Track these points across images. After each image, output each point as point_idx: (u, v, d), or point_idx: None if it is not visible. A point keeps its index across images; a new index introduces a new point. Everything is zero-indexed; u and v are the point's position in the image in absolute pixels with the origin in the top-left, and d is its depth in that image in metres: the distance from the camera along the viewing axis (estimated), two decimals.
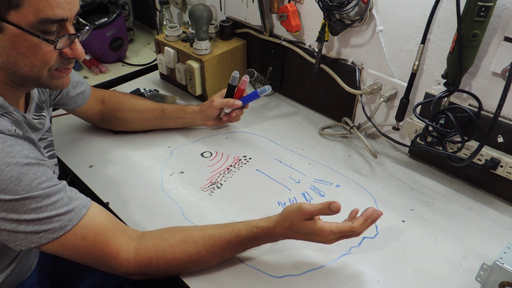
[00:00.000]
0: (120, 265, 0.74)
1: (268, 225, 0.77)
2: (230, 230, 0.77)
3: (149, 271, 0.76)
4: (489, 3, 0.77)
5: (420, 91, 1.02)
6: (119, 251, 0.74)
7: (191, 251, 0.76)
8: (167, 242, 0.76)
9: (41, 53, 0.66)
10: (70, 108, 1.04)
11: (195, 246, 0.76)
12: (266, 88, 1.07)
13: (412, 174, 1.07)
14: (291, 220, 0.75)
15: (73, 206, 0.71)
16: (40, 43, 0.65)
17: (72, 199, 0.71)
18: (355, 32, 1.08)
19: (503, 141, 0.91)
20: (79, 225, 0.70)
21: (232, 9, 1.37)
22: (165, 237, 0.77)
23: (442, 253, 0.86)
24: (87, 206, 0.73)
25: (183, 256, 0.75)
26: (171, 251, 0.75)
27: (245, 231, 0.77)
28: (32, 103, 0.81)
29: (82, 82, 1.03)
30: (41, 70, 0.68)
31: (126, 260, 0.74)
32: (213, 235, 0.77)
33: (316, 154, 1.13)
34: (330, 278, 0.80)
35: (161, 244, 0.76)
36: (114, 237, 0.74)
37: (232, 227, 0.78)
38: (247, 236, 0.76)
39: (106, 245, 0.73)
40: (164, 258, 0.75)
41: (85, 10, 1.47)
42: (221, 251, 0.77)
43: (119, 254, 0.74)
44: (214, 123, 1.17)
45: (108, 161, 1.08)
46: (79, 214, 0.71)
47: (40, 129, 0.82)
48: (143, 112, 1.14)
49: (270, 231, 0.77)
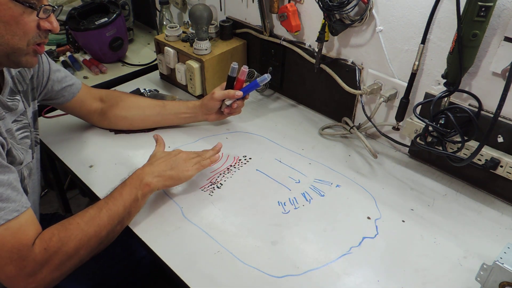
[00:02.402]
0: (29, 255, 0.72)
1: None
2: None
3: (57, 260, 0.74)
4: (489, 3, 0.77)
5: (420, 91, 1.02)
6: (34, 241, 0.73)
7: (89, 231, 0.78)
8: (67, 227, 0.77)
9: (23, 22, 0.71)
10: (60, 103, 1.04)
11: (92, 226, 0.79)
12: (266, 77, 1.07)
13: (412, 174, 1.07)
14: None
15: (7, 205, 0.70)
16: (22, 13, 0.71)
17: (9, 199, 0.71)
18: (355, 32, 1.08)
19: (503, 141, 0.91)
20: (4, 225, 0.69)
21: (232, 9, 1.37)
22: (64, 225, 0.78)
23: (442, 253, 0.86)
24: (20, 211, 0.72)
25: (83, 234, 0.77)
26: (74, 233, 0.76)
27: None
28: (6, 87, 0.83)
29: (70, 77, 1.04)
30: (21, 40, 0.73)
31: (33, 249, 0.72)
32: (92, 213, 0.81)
33: (316, 154, 1.13)
34: (330, 278, 0.80)
35: (62, 229, 0.77)
36: (33, 235, 0.73)
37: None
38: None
39: (25, 237, 0.72)
40: (69, 239, 0.75)
41: (85, 10, 1.47)
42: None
43: (33, 244, 0.72)
44: (216, 117, 1.17)
45: (108, 161, 1.08)
46: (8, 216, 0.70)
47: (14, 110, 0.84)
48: (144, 109, 1.14)
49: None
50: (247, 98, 1.15)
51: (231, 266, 0.82)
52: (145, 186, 0.87)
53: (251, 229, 0.90)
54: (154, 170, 0.90)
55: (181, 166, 0.93)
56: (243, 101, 1.14)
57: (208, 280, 0.79)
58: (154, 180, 0.89)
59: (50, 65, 0.97)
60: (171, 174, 0.91)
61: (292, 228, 0.90)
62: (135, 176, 0.88)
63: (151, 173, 0.89)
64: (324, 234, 0.89)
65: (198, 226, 0.90)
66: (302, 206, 0.96)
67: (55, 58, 1.55)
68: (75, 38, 1.54)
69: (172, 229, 0.89)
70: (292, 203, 0.96)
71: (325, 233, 0.89)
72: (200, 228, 0.90)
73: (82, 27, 1.44)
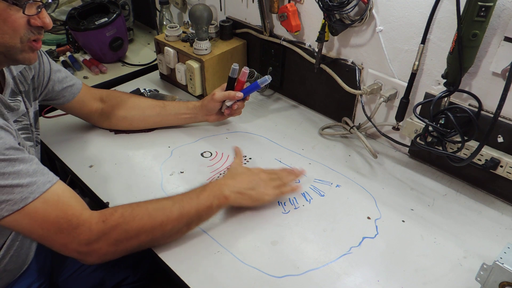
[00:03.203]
0: (83, 224, 0.72)
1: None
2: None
3: (115, 235, 0.75)
4: (489, 3, 0.77)
5: (420, 91, 1.02)
6: (83, 211, 0.74)
7: (158, 218, 0.78)
8: (134, 208, 0.78)
9: (11, 20, 0.69)
10: (60, 103, 1.04)
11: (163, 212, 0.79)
12: (266, 78, 1.07)
13: (412, 174, 1.07)
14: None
15: (37, 179, 0.71)
16: (8, 9, 0.69)
17: (37, 172, 0.71)
18: (355, 32, 1.08)
19: (503, 141, 0.91)
20: (41, 198, 0.70)
21: (232, 9, 1.37)
22: (132, 206, 0.79)
23: (442, 253, 0.86)
24: (52, 182, 0.73)
25: (151, 220, 0.77)
26: (139, 215, 0.77)
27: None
28: (7, 88, 0.83)
29: (71, 78, 1.04)
30: (12, 38, 0.71)
31: (89, 220, 0.73)
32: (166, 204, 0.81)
33: (316, 154, 1.13)
34: (330, 278, 0.80)
35: (128, 209, 0.77)
36: (78, 206, 0.74)
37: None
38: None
39: (69, 207, 0.73)
40: (133, 219, 0.76)
41: (85, 10, 1.47)
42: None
43: (83, 214, 0.73)
44: (216, 118, 1.17)
45: (108, 161, 1.08)
46: (41, 188, 0.71)
47: (15, 110, 0.84)
48: (144, 109, 1.14)
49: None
50: (247, 100, 1.15)
51: (231, 266, 0.82)
52: (223, 198, 0.86)
53: (251, 229, 0.90)
54: (236, 186, 0.88)
55: (262, 188, 0.91)
56: (243, 102, 1.14)
57: (208, 280, 0.79)
58: (233, 195, 0.87)
59: (51, 65, 0.97)
60: (251, 194, 0.90)
61: (292, 228, 0.90)
62: (216, 185, 0.87)
63: (232, 187, 0.88)
64: (324, 234, 0.89)
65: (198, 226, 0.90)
66: (302, 206, 0.96)
67: (55, 58, 1.55)
68: (75, 38, 1.54)
69: None
70: (292, 203, 0.96)
71: (325, 233, 0.89)
72: (200, 228, 0.89)
73: (82, 27, 1.44)
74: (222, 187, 0.87)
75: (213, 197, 0.84)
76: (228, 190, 0.87)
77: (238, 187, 0.88)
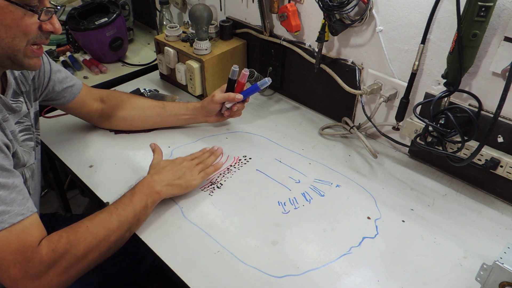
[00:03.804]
0: (35, 257, 0.71)
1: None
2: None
3: (65, 263, 0.74)
4: (489, 3, 0.77)
5: (420, 91, 1.02)
6: (38, 242, 0.72)
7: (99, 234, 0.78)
8: (76, 231, 0.77)
9: (24, 25, 0.71)
10: (60, 103, 1.04)
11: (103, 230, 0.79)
12: (266, 80, 1.07)
13: (412, 174, 1.07)
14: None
15: (12, 208, 0.69)
16: (24, 15, 0.70)
17: (14, 202, 0.70)
18: (355, 32, 1.08)
19: (503, 141, 0.91)
20: (8, 229, 0.69)
21: (232, 9, 1.37)
22: (73, 228, 0.78)
23: (442, 253, 0.86)
24: (25, 215, 0.71)
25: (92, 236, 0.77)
26: (83, 236, 0.76)
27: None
28: (9, 89, 0.83)
29: (71, 78, 1.04)
30: (21, 41, 0.72)
31: (40, 250, 0.71)
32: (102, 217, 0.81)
33: (316, 154, 1.13)
34: (330, 278, 0.80)
35: (71, 231, 0.77)
36: (37, 237, 0.73)
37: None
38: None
39: (30, 238, 0.71)
40: (78, 242, 0.75)
41: (85, 10, 1.47)
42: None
43: (37, 245, 0.72)
44: (216, 119, 1.17)
45: (108, 161, 1.08)
46: (13, 219, 0.69)
47: (17, 111, 0.84)
48: (144, 110, 1.14)
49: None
50: (247, 101, 1.15)
51: (231, 266, 0.82)
52: (156, 194, 0.89)
53: (251, 229, 0.90)
54: (163, 179, 0.91)
55: (187, 175, 0.95)
56: (243, 104, 1.14)
57: (208, 280, 0.79)
58: (164, 189, 0.90)
59: (51, 65, 0.97)
60: (180, 183, 0.94)
61: (292, 228, 0.90)
62: (145, 184, 0.89)
63: (161, 182, 0.91)
64: (324, 234, 0.89)
65: (198, 226, 0.90)
66: (302, 206, 0.96)
67: (55, 58, 1.55)
68: (75, 38, 1.54)
69: (172, 229, 0.89)
70: (292, 203, 0.97)
71: (325, 233, 0.89)
72: (200, 228, 0.90)
73: (82, 27, 1.44)
74: (152, 184, 0.89)
75: (146, 196, 0.87)
76: (158, 185, 0.90)
77: (167, 180, 0.92)
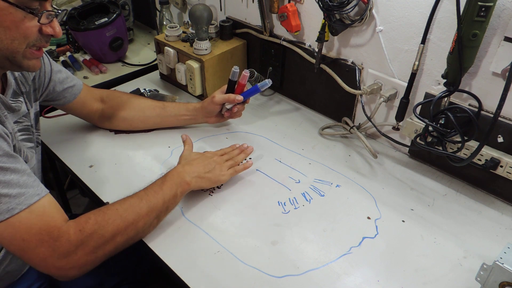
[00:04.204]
0: (63, 236, 0.72)
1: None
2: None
3: (93, 243, 0.74)
4: (489, 3, 0.77)
5: (420, 91, 1.02)
6: (63, 222, 0.73)
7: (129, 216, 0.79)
8: (105, 213, 0.78)
9: (24, 27, 0.70)
10: (61, 104, 1.04)
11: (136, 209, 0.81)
12: (267, 82, 1.07)
13: (412, 174, 1.07)
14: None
15: (26, 190, 0.70)
16: (24, 18, 0.69)
17: (27, 183, 0.71)
18: (355, 32, 1.08)
19: (503, 141, 0.91)
20: (27, 210, 0.70)
21: (232, 9, 1.37)
22: (102, 210, 0.79)
23: (442, 253, 0.86)
24: (41, 195, 0.72)
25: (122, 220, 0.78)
26: (112, 218, 0.77)
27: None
28: (9, 89, 0.83)
29: (72, 78, 1.04)
30: (20, 44, 0.72)
31: (67, 230, 0.72)
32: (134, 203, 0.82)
33: (316, 154, 1.13)
34: (330, 278, 0.80)
35: (100, 214, 0.78)
36: (60, 217, 0.74)
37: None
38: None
39: (52, 219, 0.72)
40: (107, 223, 0.76)
41: (85, 10, 1.47)
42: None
43: (63, 225, 0.73)
44: (216, 120, 1.17)
45: (108, 161, 1.08)
46: (29, 200, 0.70)
47: (16, 110, 0.84)
48: (144, 110, 1.14)
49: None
50: (247, 103, 1.15)
51: (231, 266, 0.82)
52: (186, 184, 0.90)
53: (251, 229, 0.90)
54: (194, 170, 0.93)
55: (217, 170, 0.96)
56: (243, 105, 1.14)
57: (208, 280, 0.79)
58: (193, 180, 0.91)
59: (51, 66, 0.97)
60: (209, 177, 0.94)
61: (292, 228, 0.90)
62: (176, 173, 0.90)
63: (191, 173, 0.92)
64: (324, 234, 0.89)
65: (198, 226, 0.90)
66: (302, 206, 0.96)
67: (55, 58, 1.55)
68: (75, 38, 1.54)
69: (172, 229, 0.89)
70: (292, 203, 0.97)
71: (325, 233, 0.89)
72: (200, 228, 0.90)
73: (82, 27, 1.44)
74: (182, 174, 0.90)
75: (176, 185, 0.88)
76: (188, 176, 0.91)
77: (197, 172, 0.93)
